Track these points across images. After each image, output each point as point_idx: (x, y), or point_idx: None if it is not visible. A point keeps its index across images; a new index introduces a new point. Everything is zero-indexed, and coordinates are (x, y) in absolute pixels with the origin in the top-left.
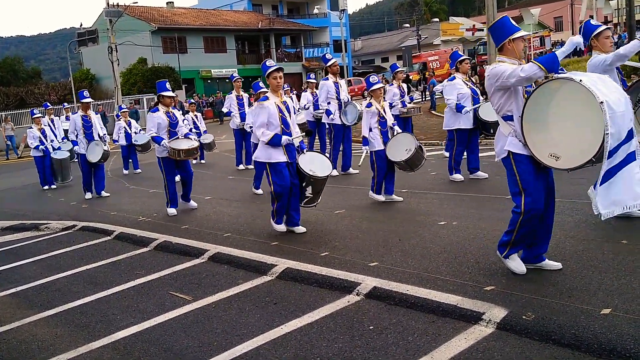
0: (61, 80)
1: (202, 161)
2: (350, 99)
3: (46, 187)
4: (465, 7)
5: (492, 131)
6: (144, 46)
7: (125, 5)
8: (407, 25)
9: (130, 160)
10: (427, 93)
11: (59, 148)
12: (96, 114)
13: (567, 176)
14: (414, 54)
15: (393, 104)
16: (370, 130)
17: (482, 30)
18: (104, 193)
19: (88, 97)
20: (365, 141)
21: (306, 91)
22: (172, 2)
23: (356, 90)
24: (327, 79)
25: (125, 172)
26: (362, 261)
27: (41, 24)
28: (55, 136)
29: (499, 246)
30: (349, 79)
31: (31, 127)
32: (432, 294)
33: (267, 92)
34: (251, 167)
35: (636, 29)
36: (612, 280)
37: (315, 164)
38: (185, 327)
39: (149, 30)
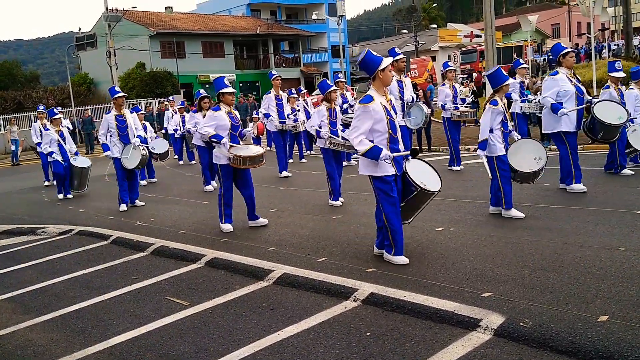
0: (59, 85)
1: (193, 162)
2: (415, 99)
3: (61, 195)
4: (463, 14)
5: (599, 136)
6: (143, 51)
7: (124, 10)
8: (405, 31)
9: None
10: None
11: (76, 153)
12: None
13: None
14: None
15: (445, 106)
16: (491, 131)
17: (480, 36)
18: (138, 202)
19: (120, 92)
20: (483, 145)
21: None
22: (171, 7)
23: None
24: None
25: (142, 182)
26: (359, 267)
27: (39, 28)
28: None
29: None
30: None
31: (48, 129)
32: (429, 300)
33: (335, 91)
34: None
35: (633, 36)
36: (610, 288)
37: (424, 175)
38: (181, 332)
39: (148, 35)
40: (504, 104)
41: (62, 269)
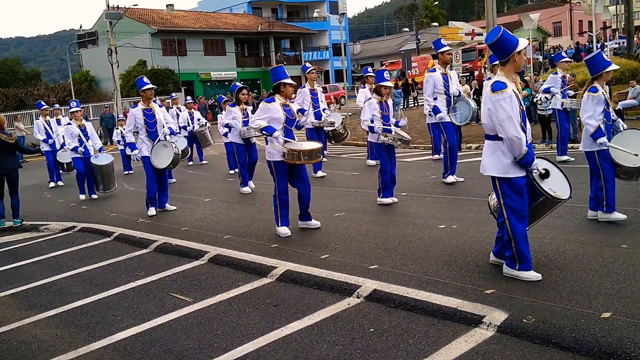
0: (60, 82)
1: (203, 162)
2: (462, 93)
3: (83, 196)
4: (465, 12)
5: None
6: (144, 48)
7: (125, 8)
8: (407, 29)
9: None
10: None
11: (100, 149)
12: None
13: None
14: (392, 62)
15: None
16: None
17: (481, 34)
18: (168, 206)
19: (149, 83)
20: (600, 133)
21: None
22: (172, 5)
23: (331, 98)
24: (434, 69)
25: (172, 180)
26: (362, 264)
27: (41, 25)
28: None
29: None
30: (324, 85)
31: (69, 123)
32: (432, 296)
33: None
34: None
35: (635, 35)
36: (612, 284)
37: (552, 179)
38: (185, 328)
39: (149, 32)
40: (605, 92)
41: (66, 266)
